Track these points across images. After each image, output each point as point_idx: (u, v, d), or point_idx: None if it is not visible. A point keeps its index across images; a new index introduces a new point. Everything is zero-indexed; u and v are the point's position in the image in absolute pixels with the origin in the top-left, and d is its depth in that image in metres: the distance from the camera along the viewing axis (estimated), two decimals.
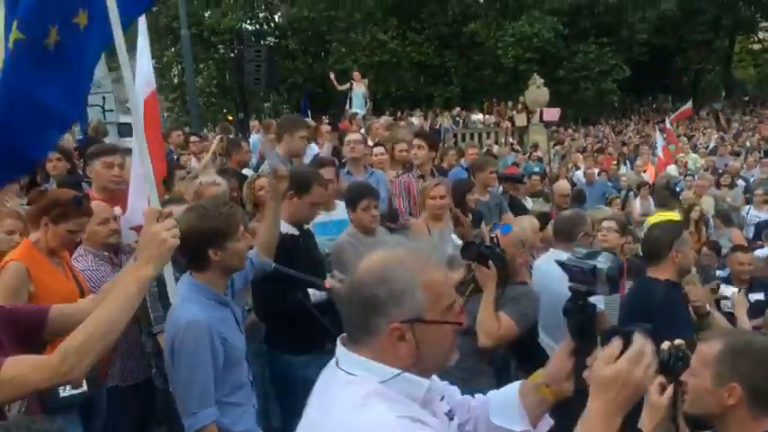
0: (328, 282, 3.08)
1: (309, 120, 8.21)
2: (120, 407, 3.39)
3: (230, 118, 6.64)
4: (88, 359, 1.62)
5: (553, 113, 7.59)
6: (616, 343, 1.31)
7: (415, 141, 5.55)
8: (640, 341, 1.30)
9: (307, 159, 5.55)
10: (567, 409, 1.53)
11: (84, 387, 2.94)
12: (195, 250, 2.35)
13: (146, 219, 1.84)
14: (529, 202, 6.93)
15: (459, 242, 4.93)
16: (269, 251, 2.97)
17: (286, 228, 3.37)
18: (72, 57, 2.41)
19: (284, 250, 3.16)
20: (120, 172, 3.87)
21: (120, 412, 3.40)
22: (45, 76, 2.35)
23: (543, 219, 5.31)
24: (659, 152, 12.89)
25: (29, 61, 2.30)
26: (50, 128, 2.51)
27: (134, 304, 1.74)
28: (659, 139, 13.20)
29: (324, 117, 11.38)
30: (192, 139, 7.51)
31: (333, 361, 1.31)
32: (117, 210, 3.55)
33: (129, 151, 4.06)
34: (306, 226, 3.57)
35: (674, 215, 7.59)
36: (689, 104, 20.21)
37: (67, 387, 2.88)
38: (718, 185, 10.01)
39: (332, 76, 15.92)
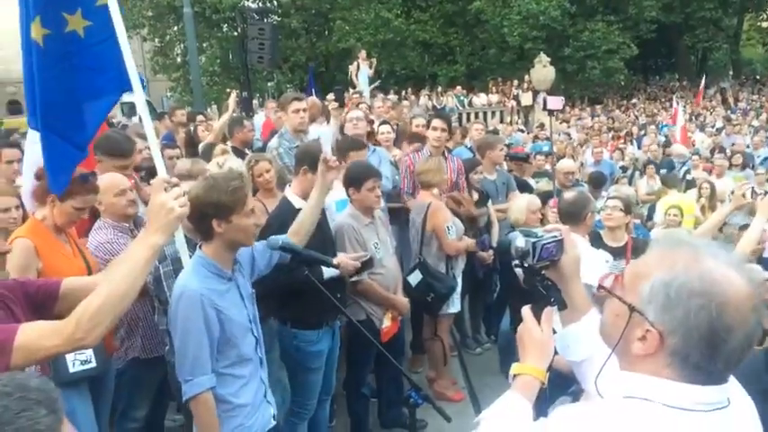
0: (338, 258, 3.08)
1: (313, 97, 8.11)
2: (141, 378, 3.44)
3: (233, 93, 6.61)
4: (102, 326, 1.64)
5: (557, 102, 7.44)
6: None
7: (437, 123, 5.32)
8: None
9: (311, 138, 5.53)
10: None
11: (94, 363, 2.98)
12: (200, 220, 2.39)
13: (153, 188, 1.87)
14: (534, 182, 6.92)
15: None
16: (301, 237, 2.96)
17: (299, 203, 3.37)
18: (106, 35, 2.37)
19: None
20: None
21: (140, 383, 3.46)
22: (81, 61, 2.34)
23: (545, 197, 5.35)
24: (677, 131, 12.75)
25: (61, 53, 2.30)
26: (97, 101, 2.51)
27: (145, 271, 1.77)
28: (680, 118, 13.10)
29: (329, 95, 11.29)
30: (199, 118, 7.48)
31: None
32: None
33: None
34: None
35: (687, 199, 7.56)
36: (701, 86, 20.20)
37: (77, 362, 2.91)
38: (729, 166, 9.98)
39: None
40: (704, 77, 21.69)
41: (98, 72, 2.40)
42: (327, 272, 3.29)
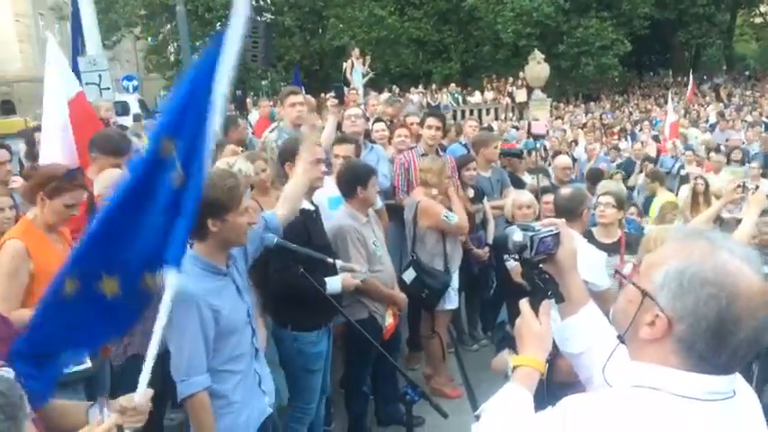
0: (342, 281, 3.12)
1: (308, 96, 8.08)
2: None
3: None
4: None
5: (541, 127, 7.71)
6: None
7: (432, 122, 5.33)
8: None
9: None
10: None
11: (88, 363, 2.96)
12: (195, 219, 2.33)
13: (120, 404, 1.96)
14: (527, 178, 6.92)
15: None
16: (293, 210, 2.95)
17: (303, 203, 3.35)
18: (125, 309, 2.23)
19: (304, 226, 3.16)
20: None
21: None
22: (97, 315, 2.20)
23: (540, 192, 5.36)
24: (667, 128, 12.75)
25: (83, 305, 2.16)
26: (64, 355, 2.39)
27: None
28: (671, 115, 13.09)
29: (324, 94, 11.28)
30: None
31: None
32: None
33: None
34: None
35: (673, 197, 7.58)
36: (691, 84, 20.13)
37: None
38: (728, 161, 10.00)
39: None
40: (691, 73, 21.65)
41: (86, 327, 2.28)
42: (330, 285, 3.31)
